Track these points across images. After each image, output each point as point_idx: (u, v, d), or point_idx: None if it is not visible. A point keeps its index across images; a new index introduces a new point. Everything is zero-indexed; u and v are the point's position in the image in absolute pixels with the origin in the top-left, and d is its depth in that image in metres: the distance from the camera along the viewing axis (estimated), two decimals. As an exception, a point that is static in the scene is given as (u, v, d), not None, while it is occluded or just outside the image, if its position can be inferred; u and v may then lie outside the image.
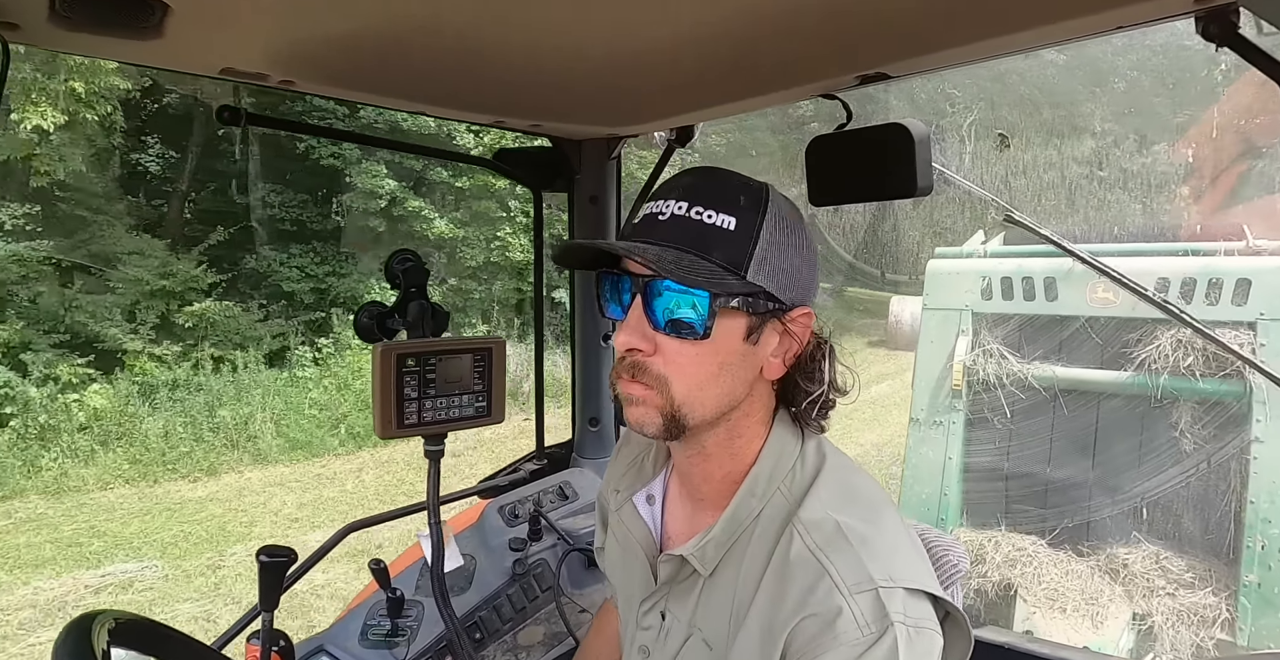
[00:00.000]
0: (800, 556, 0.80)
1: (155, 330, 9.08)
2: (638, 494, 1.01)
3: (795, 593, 0.78)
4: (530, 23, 0.98)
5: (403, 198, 10.62)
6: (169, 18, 0.88)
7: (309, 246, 10.56)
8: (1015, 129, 11.02)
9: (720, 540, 0.86)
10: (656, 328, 0.82)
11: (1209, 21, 0.82)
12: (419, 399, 1.22)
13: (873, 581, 0.76)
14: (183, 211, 10.48)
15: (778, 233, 0.82)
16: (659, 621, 0.94)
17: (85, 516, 6.90)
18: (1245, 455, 3.55)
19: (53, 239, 8.91)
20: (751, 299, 0.81)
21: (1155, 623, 3.63)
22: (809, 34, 1.00)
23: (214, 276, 9.60)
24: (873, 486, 0.89)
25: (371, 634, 1.47)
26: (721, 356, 0.82)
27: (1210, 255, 3.76)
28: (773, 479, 0.87)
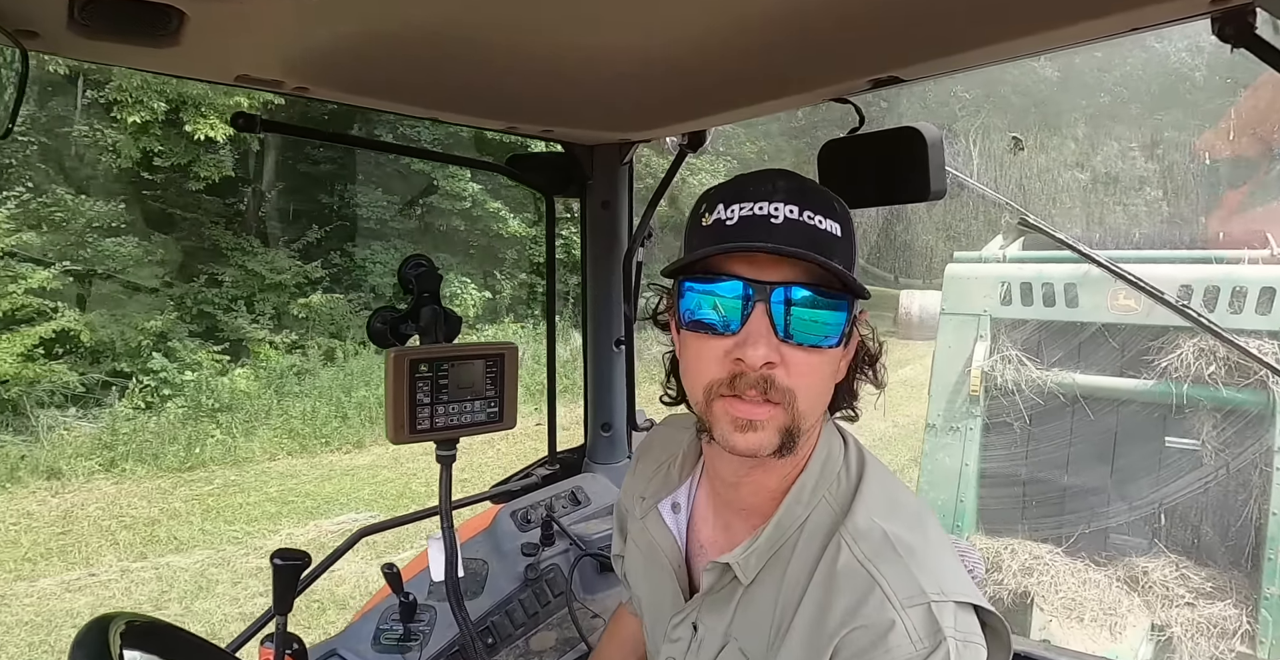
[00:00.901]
0: (849, 567, 0.79)
1: (273, 320, 10.11)
2: (663, 502, 0.99)
3: (844, 603, 0.77)
4: (542, 29, 0.98)
5: (483, 200, 11.46)
6: (186, 26, 0.89)
7: (389, 243, 11.36)
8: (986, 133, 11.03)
9: (764, 549, 0.85)
10: (785, 338, 0.76)
11: (1225, 23, 0.81)
12: (431, 404, 1.22)
13: (925, 595, 0.75)
14: (282, 212, 11.36)
15: (851, 230, 0.82)
16: (690, 633, 0.92)
17: (275, 481, 7.74)
18: (1267, 466, 3.51)
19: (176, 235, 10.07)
20: (860, 304, 0.81)
21: (1174, 633, 3.59)
22: (820, 38, 1.00)
23: (320, 271, 10.49)
24: (911, 494, 0.89)
25: (384, 638, 1.47)
26: (834, 365, 0.81)
27: (1234, 263, 3.71)
28: (818, 487, 0.86)
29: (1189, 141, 6.57)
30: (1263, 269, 3.62)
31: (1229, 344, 3.37)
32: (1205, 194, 5.78)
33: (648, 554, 1.01)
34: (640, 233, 1.87)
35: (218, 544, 6.36)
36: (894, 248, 15.62)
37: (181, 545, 6.33)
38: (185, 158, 9.44)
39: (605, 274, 1.92)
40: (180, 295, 9.57)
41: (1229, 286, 3.60)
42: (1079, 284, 3.91)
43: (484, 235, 11.79)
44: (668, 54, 1.09)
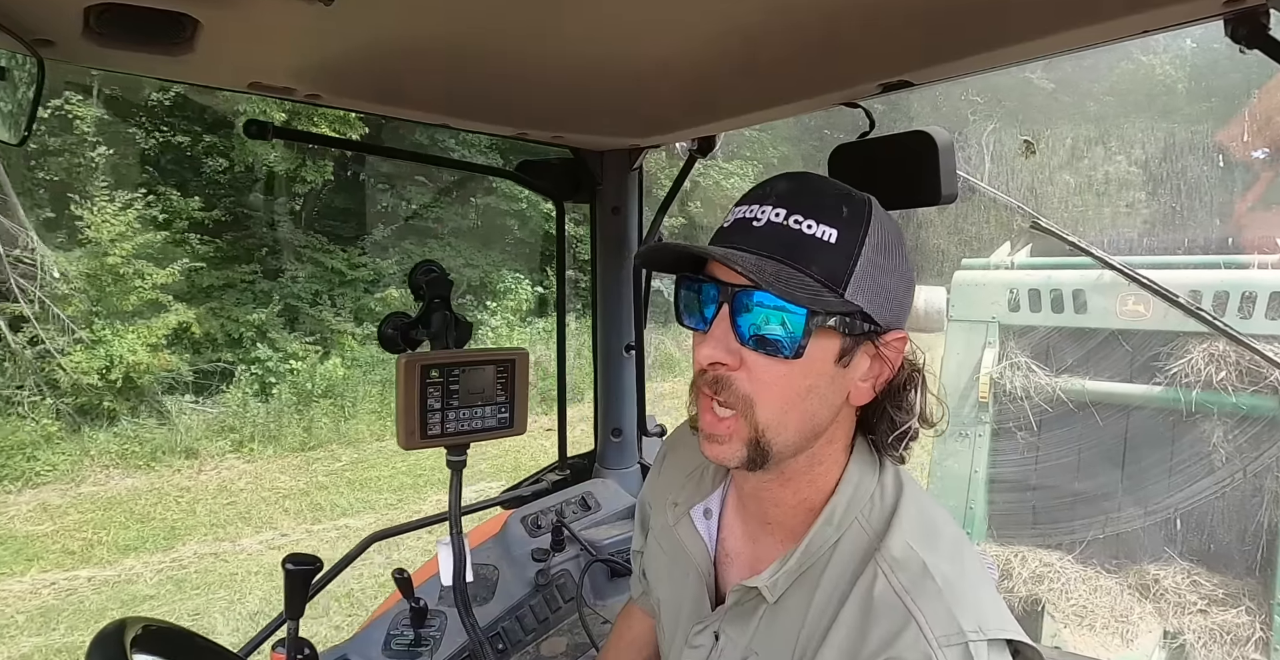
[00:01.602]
0: (885, 598, 0.76)
1: (352, 314, 10.72)
2: (696, 507, 0.98)
3: (880, 634, 0.75)
4: (552, 35, 0.98)
5: (535, 201, 11.78)
6: (199, 34, 0.90)
7: (444, 242, 11.86)
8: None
9: (793, 571, 0.83)
10: (744, 342, 0.76)
11: (1238, 24, 0.81)
12: (442, 410, 1.23)
13: (963, 634, 0.73)
14: (352, 212, 11.82)
15: (880, 251, 0.77)
16: (711, 641, 0.91)
17: (395, 458, 8.20)
18: (1279, 471, 3.48)
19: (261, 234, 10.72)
20: (848, 319, 0.76)
21: (1187, 641, 3.55)
22: (830, 42, 1.00)
23: (394, 267, 11.04)
24: (949, 520, 0.86)
25: (395, 644, 1.47)
26: (811, 378, 0.77)
27: (1244, 268, 3.69)
28: (850, 509, 0.83)
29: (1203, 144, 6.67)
30: (1273, 274, 3.59)
31: (1245, 347, 3.33)
32: (1218, 196, 5.76)
33: (673, 556, 1.00)
34: (650, 238, 1.87)
35: (379, 509, 7.09)
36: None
37: (347, 511, 7.10)
38: (294, 163, 10.30)
39: (615, 279, 1.92)
40: (268, 290, 10.23)
41: (1239, 291, 3.58)
42: (1087, 290, 3.89)
43: (535, 234, 12.37)
44: (677, 59, 1.09)
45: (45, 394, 8.09)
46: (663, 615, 1.04)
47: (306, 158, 10.23)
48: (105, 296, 8.53)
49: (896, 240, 0.79)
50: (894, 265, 0.78)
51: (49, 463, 7.73)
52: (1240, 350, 3.41)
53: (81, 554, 6.42)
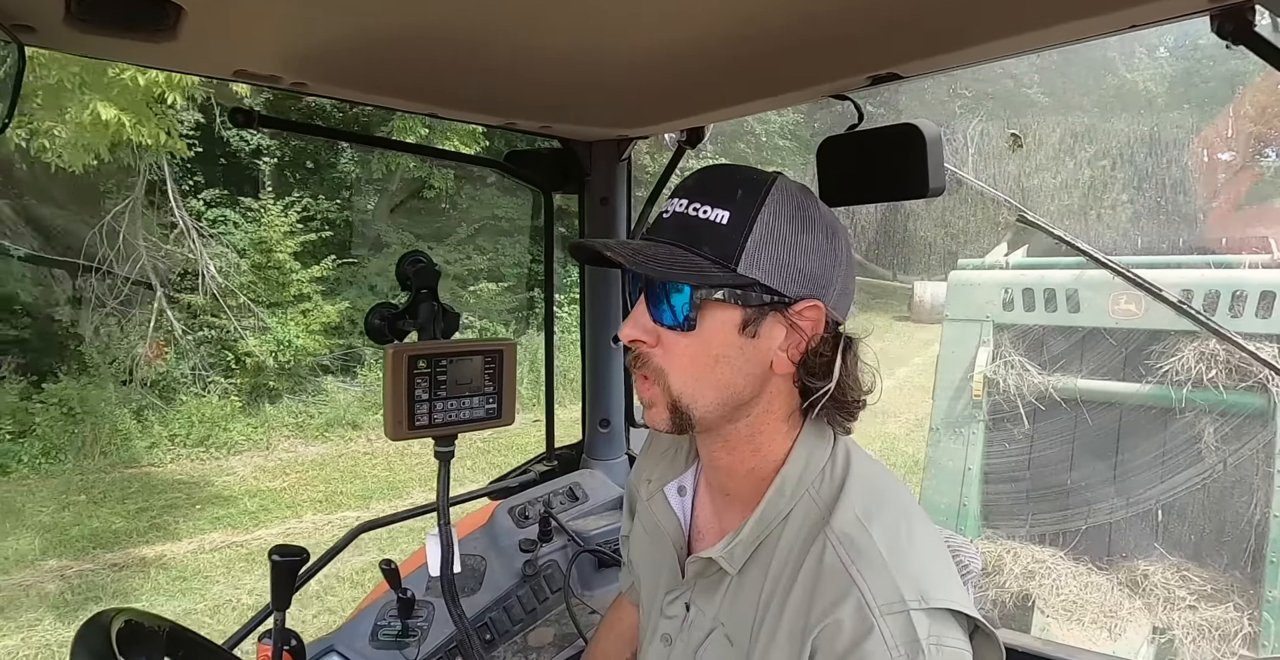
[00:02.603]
0: (832, 567, 0.78)
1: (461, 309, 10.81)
2: (670, 485, 1.01)
3: (824, 602, 0.77)
4: (540, 24, 0.98)
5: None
6: (183, 20, 0.89)
7: (515, 239, 12.63)
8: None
9: (748, 541, 0.86)
10: (654, 321, 0.85)
11: (1224, 20, 0.81)
12: (430, 400, 1.22)
13: (904, 602, 0.74)
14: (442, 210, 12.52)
15: (778, 224, 0.81)
16: (683, 612, 0.94)
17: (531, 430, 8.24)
18: (1269, 469, 3.51)
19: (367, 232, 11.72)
20: (741, 291, 0.80)
21: (1176, 636, 3.59)
22: (819, 34, 1.00)
23: (484, 263, 11.88)
24: (902, 492, 0.88)
25: (382, 635, 1.47)
26: (716, 349, 0.82)
27: (1235, 267, 3.72)
28: (801, 481, 0.86)
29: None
30: (1263, 273, 3.62)
31: (1235, 346, 3.37)
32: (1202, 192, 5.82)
33: (652, 535, 1.03)
34: (638, 229, 1.87)
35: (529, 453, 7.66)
36: (892, 244, 15.71)
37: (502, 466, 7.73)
38: (424, 172, 11.35)
39: (602, 271, 1.92)
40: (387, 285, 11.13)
41: (1229, 291, 3.61)
42: (1080, 289, 3.92)
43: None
44: (667, 50, 1.09)
45: (230, 374, 9.39)
46: (642, 592, 1.07)
47: (433, 167, 11.29)
48: (271, 288, 9.76)
49: (804, 215, 0.83)
50: (800, 240, 0.82)
51: (242, 434, 8.84)
52: (1230, 348, 3.44)
53: (329, 502, 7.39)
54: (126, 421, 8.41)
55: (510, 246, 12.44)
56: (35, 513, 6.94)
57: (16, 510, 6.97)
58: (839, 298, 0.86)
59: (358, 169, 11.18)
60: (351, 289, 10.75)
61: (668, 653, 0.96)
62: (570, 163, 1.83)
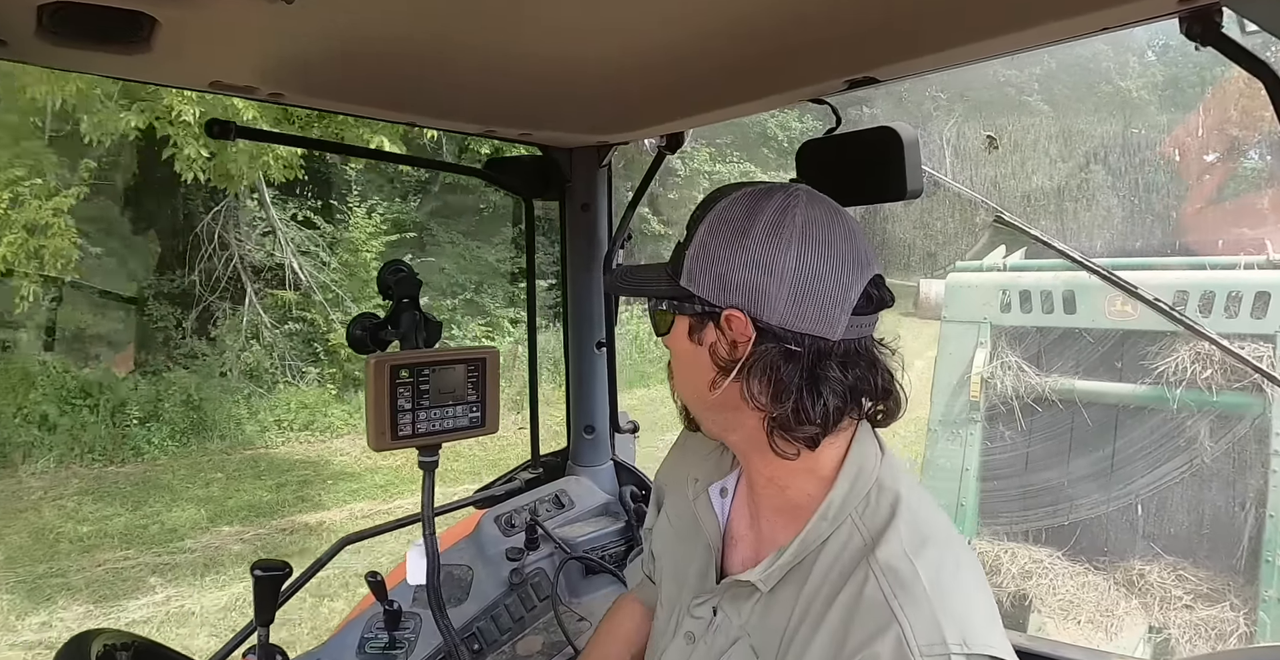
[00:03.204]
0: (874, 599, 0.77)
1: (505, 302, 12.25)
2: (714, 485, 1.01)
3: (862, 633, 0.76)
4: (518, 32, 0.98)
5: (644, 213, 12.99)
6: (157, 32, 0.88)
7: (552, 239, 12.90)
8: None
9: (787, 564, 0.85)
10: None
11: (1192, 22, 0.82)
12: (413, 410, 1.22)
13: (945, 645, 0.73)
14: (496, 208, 13.14)
15: (710, 238, 0.84)
16: (710, 615, 0.94)
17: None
18: (1265, 469, 3.54)
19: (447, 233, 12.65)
20: (677, 302, 0.87)
21: (1172, 635, 3.61)
22: (797, 39, 1.01)
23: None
24: (947, 525, 0.87)
25: (369, 647, 1.46)
26: (679, 354, 0.90)
27: (1230, 268, 3.76)
28: (845, 505, 0.85)
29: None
30: (1257, 274, 3.66)
31: (1217, 345, 3.39)
32: (1174, 191, 5.92)
33: (683, 531, 1.03)
34: (620, 235, 1.87)
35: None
36: (871, 246, 15.87)
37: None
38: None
39: (585, 276, 1.92)
40: (459, 282, 12.00)
41: (1224, 291, 3.65)
42: (1077, 291, 3.95)
43: (638, 234, 13.65)
44: (645, 56, 1.09)
45: (319, 363, 10.22)
46: (664, 589, 1.06)
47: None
48: (356, 284, 10.49)
49: (738, 228, 0.83)
50: (732, 251, 0.82)
51: (340, 418, 9.53)
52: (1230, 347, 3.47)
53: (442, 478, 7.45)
54: (238, 408, 9.22)
55: (549, 246, 12.93)
56: (184, 488, 7.72)
57: (166, 486, 7.79)
58: (794, 308, 0.81)
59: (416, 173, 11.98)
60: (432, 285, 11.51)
61: (690, 651, 0.95)
62: (551, 170, 1.83)
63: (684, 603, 0.99)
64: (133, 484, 7.91)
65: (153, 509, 7.27)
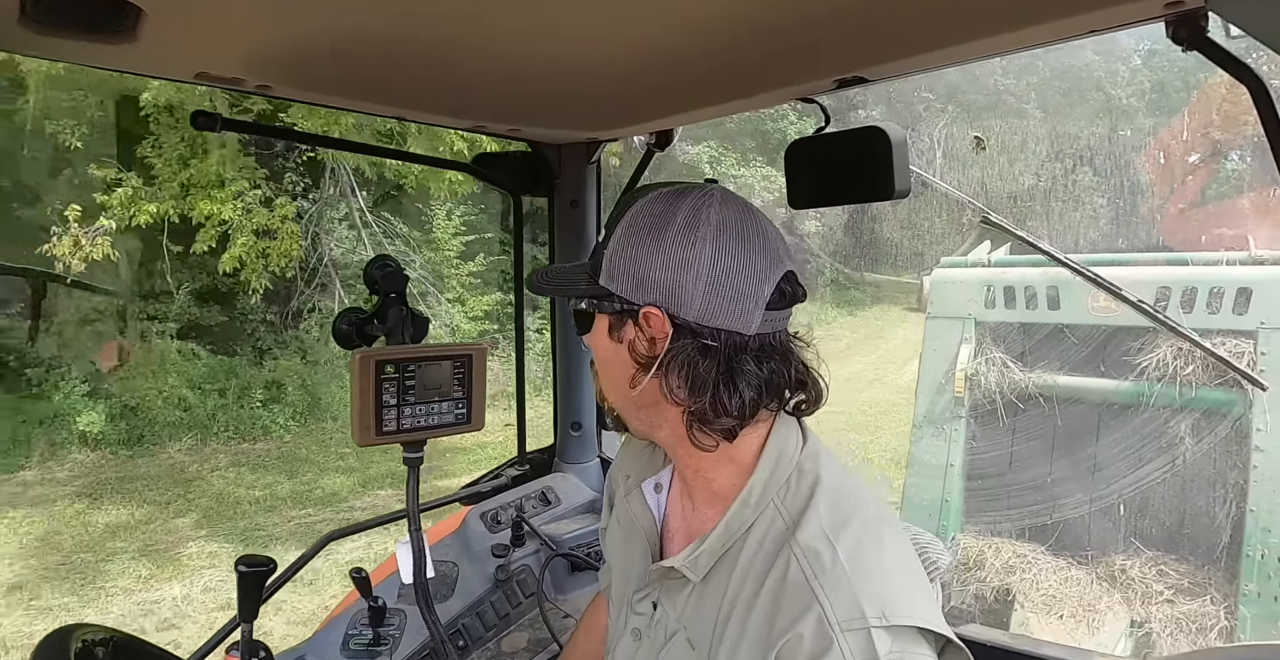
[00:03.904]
0: (795, 581, 0.79)
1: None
2: (647, 481, 1.02)
3: (786, 616, 0.78)
4: (509, 27, 0.98)
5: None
6: (143, 21, 0.87)
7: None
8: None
9: (713, 551, 0.86)
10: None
11: (1178, 26, 0.83)
12: (398, 406, 1.21)
13: (864, 619, 0.74)
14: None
15: (627, 238, 0.85)
16: (651, 610, 0.95)
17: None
18: (1245, 464, 3.57)
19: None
20: (596, 301, 0.88)
21: (1153, 629, 3.63)
22: (787, 38, 1.01)
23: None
24: (871, 504, 0.88)
25: (354, 644, 1.45)
26: (600, 353, 0.92)
27: (1213, 264, 3.79)
28: (766, 491, 0.86)
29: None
30: (1239, 270, 3.69)
31: (1189, 341, 3.43)
32: (1159, 192, 5.99)
33: (627, 529, 1.04)
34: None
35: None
36: (860, 245, 16.12)
37: None
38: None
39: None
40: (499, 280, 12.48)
41: (1206, 288, 3.67)
42: (1060, 287, 3.97)
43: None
44: (635, 53, 1.09)
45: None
46: (615, 584, 1.08)
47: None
48: (437, 280, 11.17)
49: (656, 228, 0.84)
50: (648, 250, 0.84)
51: None
52: (1207, 344, 3.51)
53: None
54: (344, 391, 9.62)
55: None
56: (323, 461, 8.45)
57: (306, 458, 8.60)
58: (709, 304, 0.82)
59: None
60: (493, 283, 12.31)
61: (636, 647, 0.97)
62: (539, 166, 1.82)
63: (628, 600, 1.00)
64: (274, 458, 8.77)
65: (307, 477, 8.11)
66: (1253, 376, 3.29)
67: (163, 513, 7.32)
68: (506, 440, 2.07)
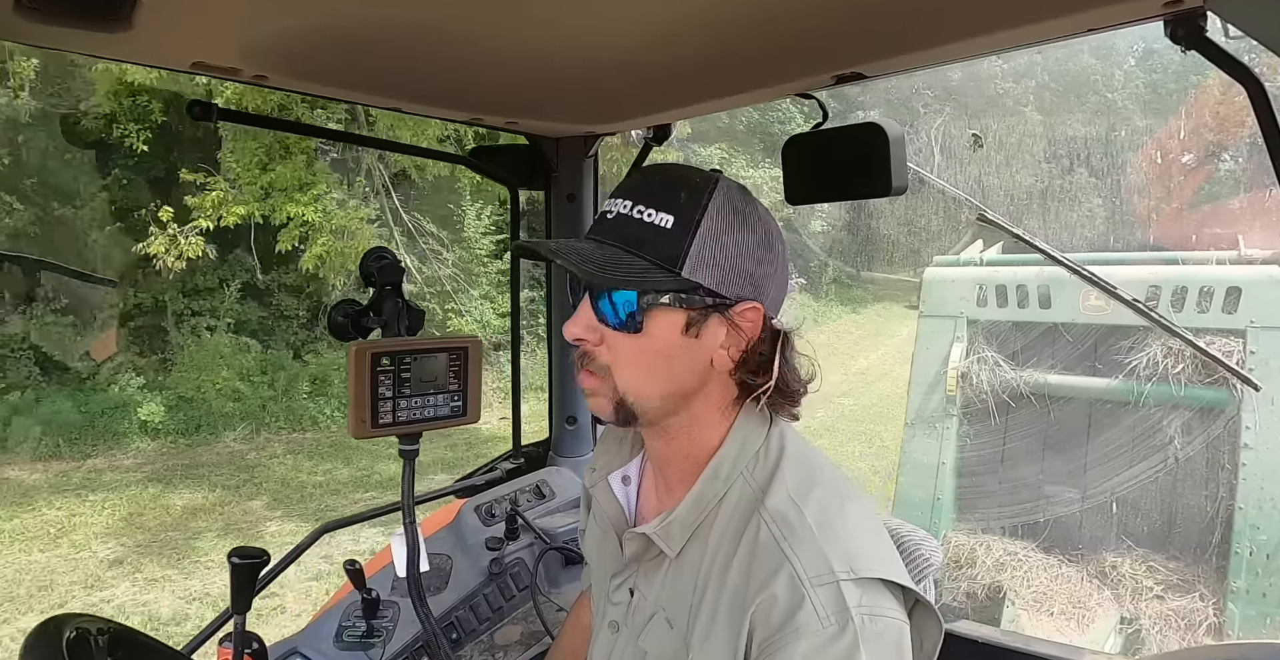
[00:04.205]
0: (766, 544, 0.81)
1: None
2: (614, 474, 1.03)
3: (759, 576, 0.79)
4: (507, 19, 0.97)
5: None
6: (138, 10, 0.87)
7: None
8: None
9: (685, 521, 0.88)
10: (600, 320, 0.86)
11: (1177, 25, 0.83)
12: (394, 398, 1.21)
13: (833, 573, 0.76)
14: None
15: (719, 227, 0.83)
16: (628, 597, 0.95)
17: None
18: (1234, 461, 3.59)
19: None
20: (685, 295, 0.83)
21: (1143, 626, 3.66)
22: (785, 33, 1.01)
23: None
24: (835, 473, 0.90)
25: (346, 636, 1.45)
26: (660, 348, 0.85)
27: (1202, 264, 3.81)
28: (736, 464, 0.88)
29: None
30: (1229, 269, 3.71)
31: (1180, 338, 3.45)
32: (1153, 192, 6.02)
33: (600, 525, 1.04)
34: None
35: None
36: (856, 241, 16.17)
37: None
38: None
39: (570, 267, 1.91)
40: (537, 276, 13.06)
41: (1196, 287, 3.69)
42: (1052, 286, 3.99)
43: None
44: (633, 47, 1.09)
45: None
46: (593, 580, 1.09)
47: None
48: (469, 278, 11.53)
49: (743, 218, 0.84)
50: (739, 242, 0.84)
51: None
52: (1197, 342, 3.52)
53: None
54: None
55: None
56: (375, 449, 8.59)
57: (357, 447, 8.75)
58: (775, 294, 0.89)
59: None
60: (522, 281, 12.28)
61: (614, 640, 0.97)
62: (537, 159, 1.82)
63: (605, 592, 1.01)
64: (326, 447, 9.20)
65: (363, 464, 8.49)
66: (1245, 376, 3.31)
67: (235, 496, 7.80)
68: (541, 431, 2.11)
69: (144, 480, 8.17)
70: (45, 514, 7.29)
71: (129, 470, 8.51)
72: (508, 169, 1.83)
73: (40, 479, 8.18)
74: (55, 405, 9.11)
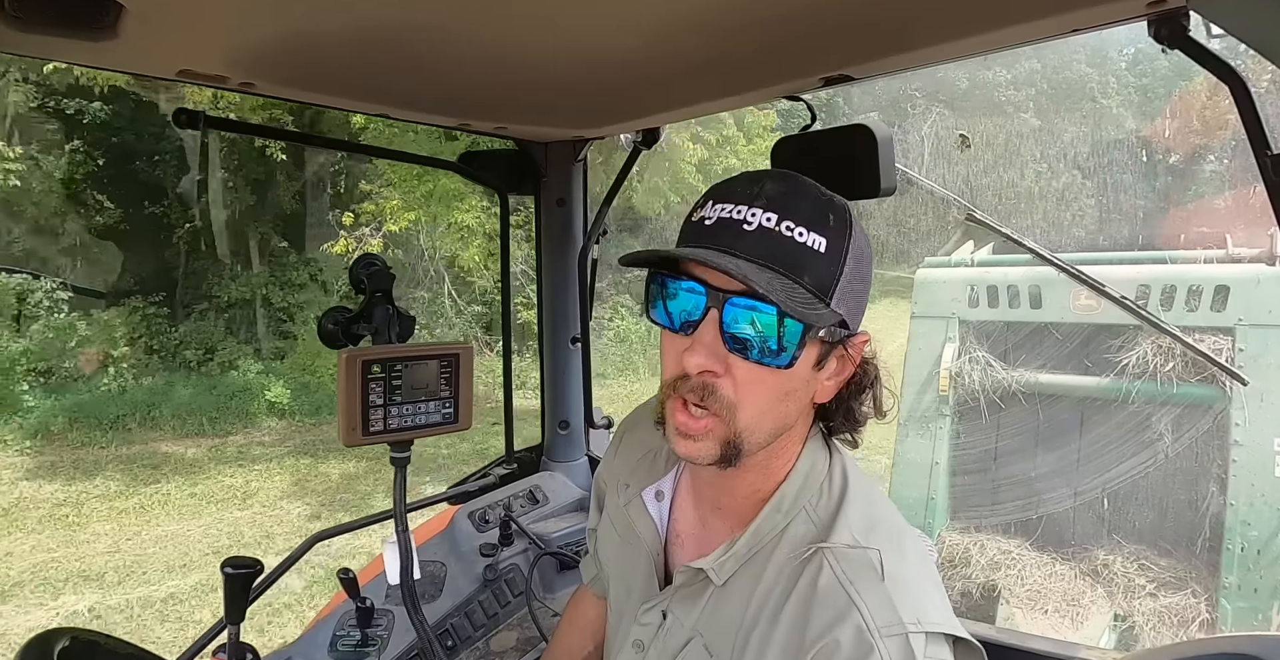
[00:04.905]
0: (829, 586, 0.78)
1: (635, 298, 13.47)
2: (648, 490, 1.00)
3: (822, 620, 0.77)
4: (494, 24, 0.97)
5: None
6: (124, 18, 0.86)
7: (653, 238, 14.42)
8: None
9: (740, 554, 0.85)
10: (731, 349, 0.76)
11: (1160, 25, 0.84)
12: (385, 406, 1.21)
13: (902, 625, 0.74)
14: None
15: (859, 260, 0.78)
16: (659, 620, 0.93)
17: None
18: (1225, 459, 3.62)
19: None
20: (833, 329, 0.77)
21: (1136, 623, 3.69)
22: (773, 36, 1.01)
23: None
24: (892, 510, 0.88)
25: (341, 645, 1.45)
26: (791, 384, 0.78)
27: (1191, 262, 3.85)
28: (799, 497, 0.85)
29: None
30: (1217, 268, 3.75)
31: (1170, 336, 3.48)
32: (1141, 192, 6.07)
33: (625, 535, 1.02)
34: (595, 230, 1.87)
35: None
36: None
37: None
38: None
39: (561, 271, 1.91)
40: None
41: (1185, 285, 3.73)
42: (1042, 286, 4.02)
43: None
44: (621, 51, 1.09)
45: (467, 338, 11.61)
46: (612, 593, 1.06)
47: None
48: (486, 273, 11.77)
49: (869, 246, 0.81)
50: (865, 271, 0.80)
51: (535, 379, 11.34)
52: (1185, 338, 3.55)
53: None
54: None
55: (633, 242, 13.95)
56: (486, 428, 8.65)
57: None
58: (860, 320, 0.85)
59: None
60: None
61: (640, 659, 0.95)
62: (526, 164, 1.82)
63: (631, 610, 0.98)
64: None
65: (477, 439, 8.98)
66: (1233, 371, 3.33)
67: (379, 466, 8.36)
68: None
69: (291, 453, 9.06)
70: (223, 481, 8.19)
71: (271, 445, 9.39)
72: (497, 174, 1.83)
73: (198, 453, 9.04)
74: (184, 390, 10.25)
